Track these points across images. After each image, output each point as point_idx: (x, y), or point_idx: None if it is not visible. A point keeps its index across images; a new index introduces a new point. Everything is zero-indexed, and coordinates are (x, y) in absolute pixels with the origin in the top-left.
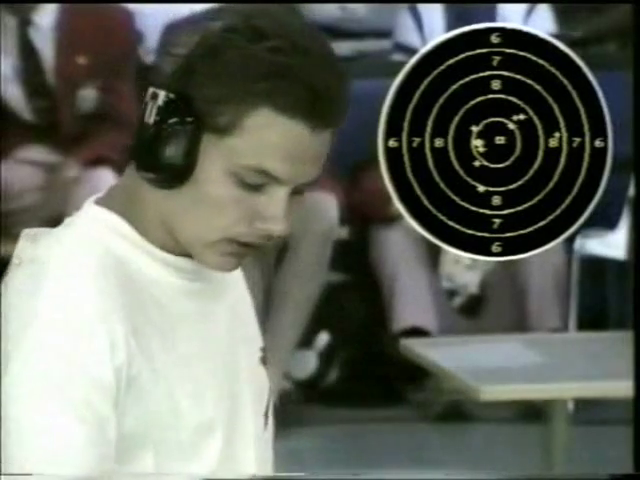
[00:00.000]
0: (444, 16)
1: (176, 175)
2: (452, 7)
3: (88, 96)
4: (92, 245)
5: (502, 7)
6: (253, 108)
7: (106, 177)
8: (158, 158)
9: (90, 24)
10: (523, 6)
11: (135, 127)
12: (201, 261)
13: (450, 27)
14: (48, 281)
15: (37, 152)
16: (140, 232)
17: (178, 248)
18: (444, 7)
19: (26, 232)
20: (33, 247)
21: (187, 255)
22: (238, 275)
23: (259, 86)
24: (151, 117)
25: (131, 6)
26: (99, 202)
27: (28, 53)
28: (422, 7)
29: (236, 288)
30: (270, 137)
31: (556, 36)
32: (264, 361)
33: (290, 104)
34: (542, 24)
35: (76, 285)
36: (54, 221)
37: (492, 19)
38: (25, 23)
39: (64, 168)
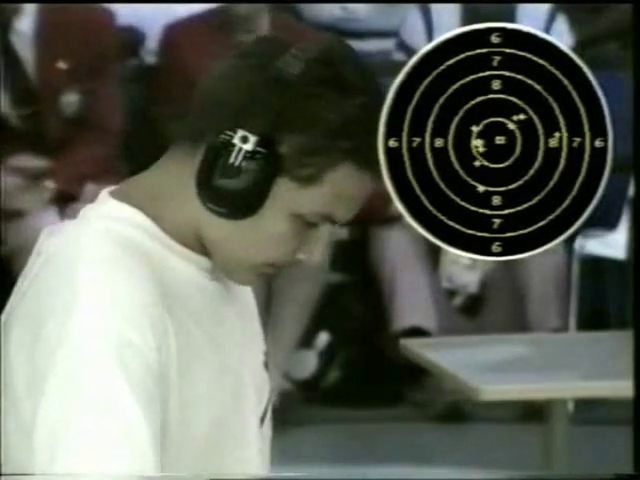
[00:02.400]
0: (460, 23)
1: (244, 211)
2: (469, 15)
3: (71, 101)
4: (116, 237)
5: (521, 17)
6: (337, 163)
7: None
8: (232, 196)
9: (70, 27)
10: (542, 16)
11: (206, 160)
12: (230, 277)
13: None
14: (82, 272)
15: (23, 159)
16: (163, 229)
17: (202, 248)
18: (460, 14)
19: (47, 229)
20: (55, 241)
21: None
22: None
23: (347, 143)
24: (237, 160)
25: (131, 6)
26: (116, 195)
27: (10, 59)
28: (435, 10)
29: (244, 291)
30: (347, 190)
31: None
32: (266, 365)
33: (370, 161)
34: (561, 34)
35: (111, 273)
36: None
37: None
38: (6, 29)
39: (46, 179)
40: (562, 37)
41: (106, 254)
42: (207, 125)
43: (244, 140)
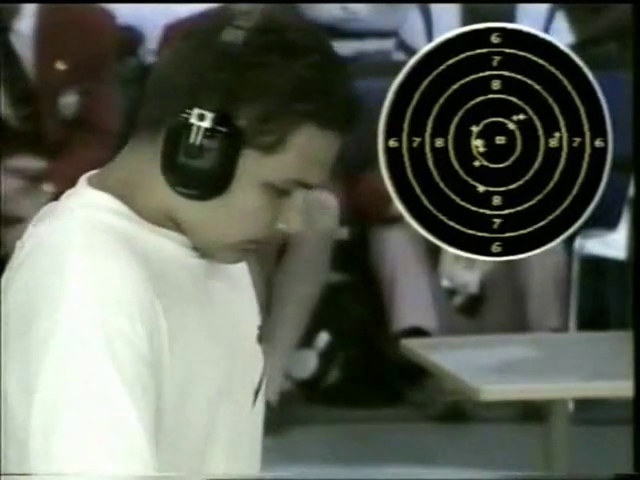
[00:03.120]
0: (459, 23)
1: (213, 190)
2: (469, 15)
3: (70, 102)
4: (100, 225)
5: (520, 17)
6: (298, 126)
7: None
8: (199, 176)
9: (69, 28)
10: (541, 16)
11: (168, 143)
12: (212, 257)
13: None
14: (69, 263)
15: (22, 160)
16: (137, 213)
17: (178, 230)
18: (459, 14)
19: (34, 221)
20: (39, 231)
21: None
22: None
23: (304, 104)
24: (197, 138)
25: (131, 6)
26: (93, 183)
27: (9, 59)
28: (435, 10)
29: (241, 267)
30: (313, 152)
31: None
32: (260, 339)
33: (333, 119)
34: (560, 33)
35: (97, 262)
36: None
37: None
38: (5, 30)
39: (44, 181)
40: (561, 36)
41: (92, 243)
42: (163, 109)
43: (201, 118)
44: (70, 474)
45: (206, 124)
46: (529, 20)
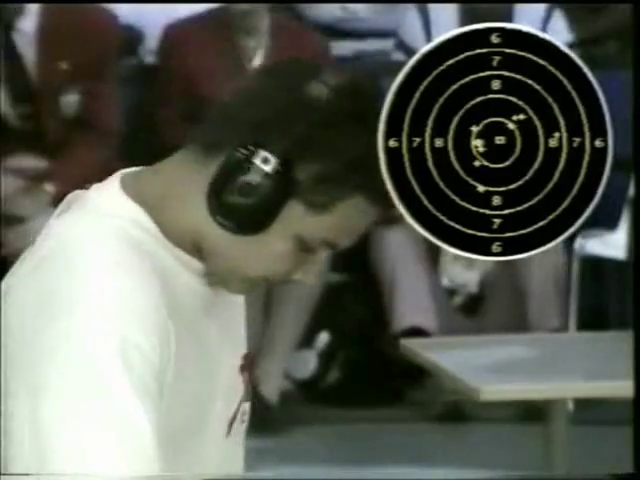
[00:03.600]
0: (457, 22)
1: (251, 228)
2: (467, 15)
3: (71, 101)
4: (126, 238)
5: (518, 17)
6: (350, 195)
7: None
8: (242, 212)
9: (72, 28)
10: (539, 15)
11: (222, 173)
12: (222, 285)
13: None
14: (92, 272)
15: (23, 159)
16: (162, 230)
17: (195, 254)
18: (457, 14)
19: (60, 206)
20: (63, 229)
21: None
22: None
23: (362, 177)
24: (254, 178)
25: (131, 6)
26: (126, 188)
27: (12, 59)
28: (433, 10)
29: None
30: (354, 221)
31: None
32: (242, 369)
33: (381, 195)
34: (559, 33)
35: (120, 275)
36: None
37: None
38: (9, 28)
39: (45, 181)
40: (559, 36)
41: (118, 255)
42: (226, 137)
43: (265, 161)
44: (75, 475)
45: (268, 168)
46: (526, 19)
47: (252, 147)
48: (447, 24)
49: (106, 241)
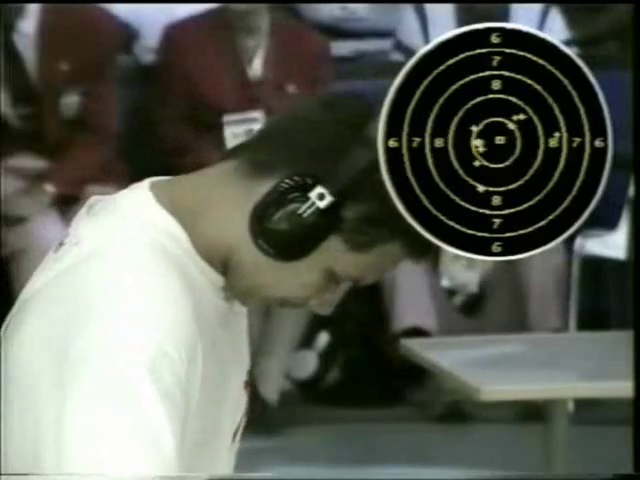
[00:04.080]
0: (455, 22)
1: (288, 257)
2: (463, 14)
3: (71, 102)
4: (160, 249)
5: (514, 16)
6: (390, 239)
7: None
8: (284, 240)
9: (72, 29)
10: (536, 12)
11: (271, 197)
12: (242, 301)
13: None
14: (126, 282)
15: (23, 160)
16: (192, 241)
17: (219, 270)
18: (455, 14)
19: (82, 210)
20: (97, 239)
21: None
22: None
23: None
24: (306, 212)
25: (130, 5)
26: (160, 197)
27: (12, 59)
28: (430, 9)
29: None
30: (386, 264)
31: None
32: (246, 385)
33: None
34: (556, 30)
35: (153, 286)
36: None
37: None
38: (9, 29)
39: (45, 181)
40: (555, 35)
41: (151, 266)
42: (280, 160)
43: (321, 197)
44: (72, 475)
45: (322, 204)
46: (523, 18)
47: (309, 179)
48: (444, 23)
49: (141, 250)
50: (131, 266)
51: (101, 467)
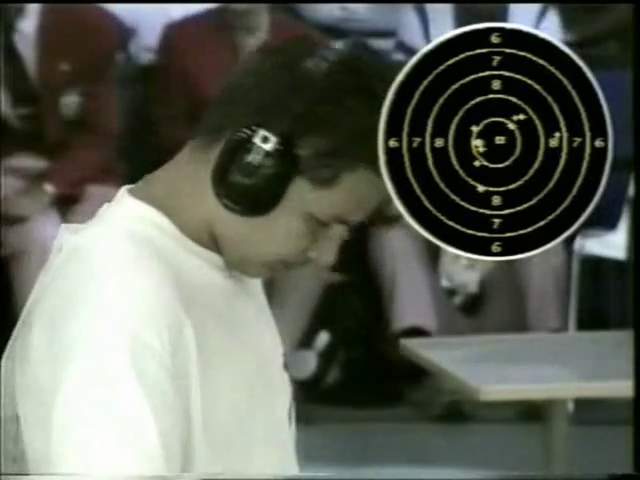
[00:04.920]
0: (453, 21)
1: (258, 209)
2: (462, 13)
3: (71, 102)
4: (136, 238)
5: (513, 16)
6: (355, 167)
7: (97, 192)
8: (248, 194)
9: (72, 29)
10: (533, 13)
11: (224, 155)
12: (242, 271)
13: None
14: (103, 275)
15: (23, 160)
16: (178, 226)
17: (213, 247)
18: (453, 13)
19: (65, 226)
20: (76, 239)
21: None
22: (258, 281)
23: (365, 148)
24: (256, 159)
25: (128, 5)
26: (134, 193)
27: (12, 60)
28: (430, 9)
29: (260, 292)
30: (360, 194)
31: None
32: (286, 366)
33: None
34: (552, 29)
35: (130, 276)
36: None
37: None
38: (9, 29)
39: (45, 181)
40: (552, 34)
41: (127, 257)
42: (227, 118)
43: (265, 140)
44: (71, 474)
45: (268, 147)
46: (520, 18)
47: (252, 127)
48: (444, 23)
49: (115, 243)
50: (105, 259)
51: (85, 459)
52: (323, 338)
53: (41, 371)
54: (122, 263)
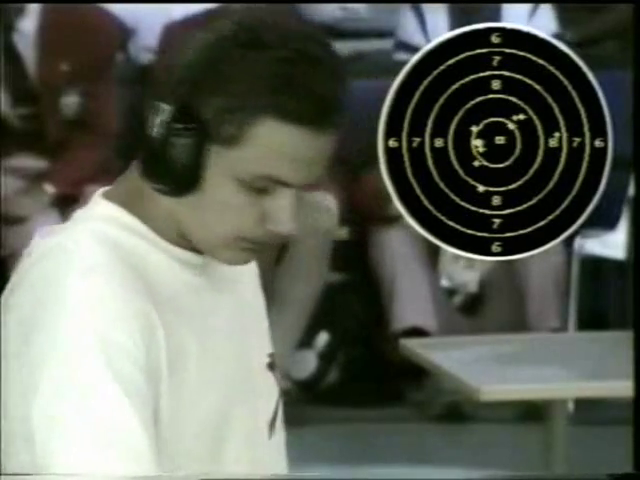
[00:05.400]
0: (448, 17)
1: (184, 185)
2: (456, 8)
3: (71, 102)
4: (105, 239)
5: (506, 8)
6: (257, 119)
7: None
8: (166, 170)
9: (72, 29)
10: (526, 7)
11: (143, 140)
12: (214, 257)
13: (453, 28)
14: (70, 277)
15: (23, 160)
16: (149, 225)
17: (186, 242)
18: (447, 8)
19: (40, 230)
20: (45, 243)
21: (194, 249)
22: (249, 279)
23: (264, 98)
24: (156, 130)
25: (128, 5)
26: (107, 195)
27: (12, 59)
28: (425, 7)
29: (246, 290)
30: (275, 146)
31: (556, 37)
32: (271, 367)
33: (295, 114)
34: (545, 25)
35: (98, 277)
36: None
37: (496, 21)
38: (9, 29)
39: (45, 181)
40: (547, 24)
41: (94, 258)
42: (149, 105)
43: (161, 112)
44: (71, 475)
45: (164, 117)
46: (514, 14)
47: (154, 104)
48: (437, 22)
49: (79, 245)
50: (69, 263)
51: (68, 460)
52: (323, 338)
53: (14, 387)
54: (87, 267)
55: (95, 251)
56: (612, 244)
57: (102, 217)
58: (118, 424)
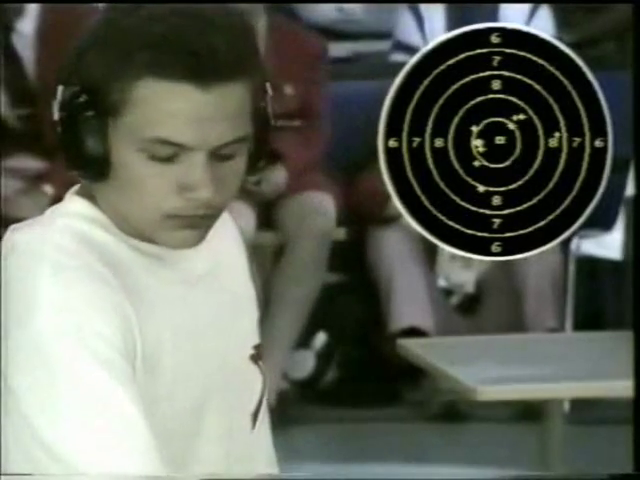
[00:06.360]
0: (445, 17)
1: (96, 167)
2: (453, 8)
3: None
4: (76, 234)
5: (504, 9)
6: (135, 81)
7: None
8: (75, 154)
9: (71, 29)
10: (525, 9)
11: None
12: (159, 242)
13: (451, 29)
14: (42, 272)
15: (22, 160)
16: (110, 219)
17: (137, 232)
18: (445, 8)
19: (13, 226)
20: (17, 237)
21: (149, 239)
22: (235, 271)
23: (137, 58)
24: (56, 114)
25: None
26: (79, 192)
27: (11, 60)
28: (423, 7)
29: (229, 282)
30: (159, 106)
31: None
32: (255, 359)
33: (169, 69)
34: (543, 27)
35: (70, 272)
36: None
37: (494, 21)
38: (8, 30)
39: (43, 183)
40: (545, 26)
41: (65, 252)
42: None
43: (58, 95)
44: (70, 475)
45: (60, 98)
46: (512, 13)
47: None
48: (435, 23)
49: (51, 241)
50: (42, 257)
51: (65, 453)
52: (321, 338)
53: None
54: (56, 260)
55: (66, 245)
56: (608, 244)
57: (72, 213)
58: (121, 419)
